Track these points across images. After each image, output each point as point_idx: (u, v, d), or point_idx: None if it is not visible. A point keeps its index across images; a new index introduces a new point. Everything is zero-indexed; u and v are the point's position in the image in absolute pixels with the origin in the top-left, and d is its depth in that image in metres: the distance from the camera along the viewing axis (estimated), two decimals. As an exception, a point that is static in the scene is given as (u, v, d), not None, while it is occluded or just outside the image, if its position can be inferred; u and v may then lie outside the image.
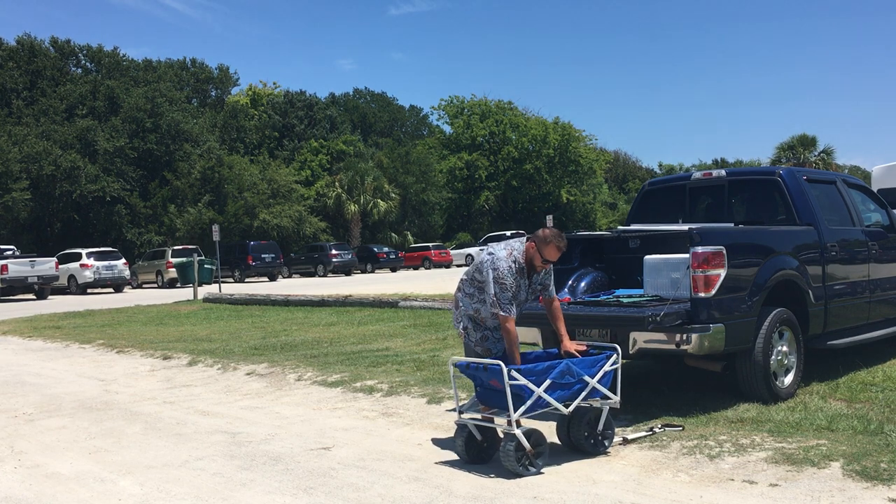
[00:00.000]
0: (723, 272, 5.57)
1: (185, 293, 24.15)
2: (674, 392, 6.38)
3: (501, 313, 4.92)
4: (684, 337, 5.48)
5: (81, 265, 30.37)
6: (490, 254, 5.07)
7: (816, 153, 50.59)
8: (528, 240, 5.13)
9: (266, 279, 36.12)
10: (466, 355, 5.26)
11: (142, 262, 35.86)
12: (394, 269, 42.44)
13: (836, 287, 6.74)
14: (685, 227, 6.15)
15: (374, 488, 4.48)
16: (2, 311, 21.02)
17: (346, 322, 13.36)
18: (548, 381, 4.68)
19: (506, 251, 5.04)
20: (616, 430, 5.14)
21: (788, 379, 6.10)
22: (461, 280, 5.33)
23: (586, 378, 4.83)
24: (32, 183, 38.83)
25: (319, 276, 38.17)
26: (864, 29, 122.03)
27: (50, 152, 39.55)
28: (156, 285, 34.05)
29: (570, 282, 7.15)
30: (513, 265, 4.99)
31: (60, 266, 28.95)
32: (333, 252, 39.07)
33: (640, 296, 6.37)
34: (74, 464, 5.34)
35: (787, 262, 6.21)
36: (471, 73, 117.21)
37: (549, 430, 5.12)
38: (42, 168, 39.07)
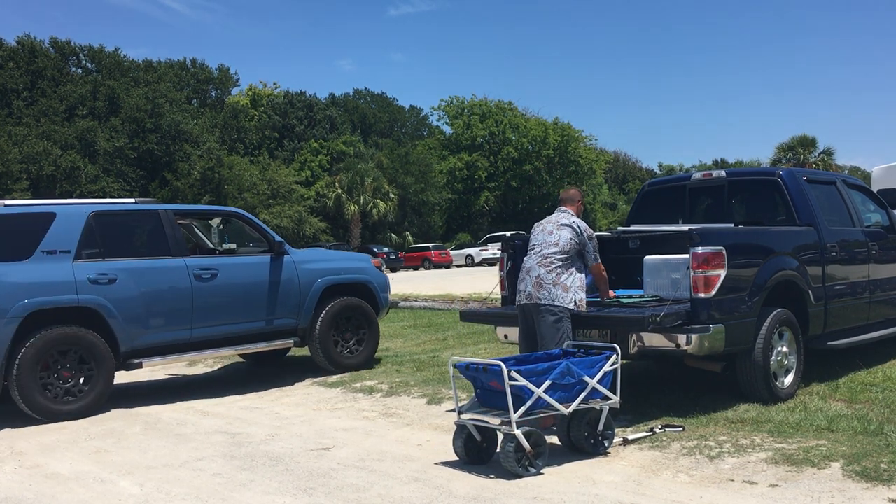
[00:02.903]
0: (723, 273, 5.57)
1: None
2: (674, 392, 6.38)
3: (600, 261, 5.91)
4: (684, 337, 5.48)
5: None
6: (573, 224, 5.78)
7: (816, 154, 50.61)
8: (567, 205, 5.96)
9: (266, 279, 36.00)
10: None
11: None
12: (394, 270, 42.36)
13: (836, 287, 6.74)
14: (685, 227, 6.15)
15: (374, 489, 4.48)
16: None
17: (346, 322, 13.32)
18: (548, 382, 4.68)
19: (579, 219, 5.88)
20: (616, 430, 5.14)
21: (788, 379, 6.10)
22: (541, 262, 5.70)
23: (586, 379, 4.84)
24: (32, 183, 38.80)
25: (319, 277, 38.05)
26: (864, 29, 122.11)
27: (50, 152, 39.54)
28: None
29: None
30: None
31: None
32: (333, 252, 38.95)
33: (640, 296, 6.37)
34: (74, 464, 5.34)
35: (786, 262, 6.21)
36: (471, 73, 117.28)
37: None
38: (42, 168, 39.06)
